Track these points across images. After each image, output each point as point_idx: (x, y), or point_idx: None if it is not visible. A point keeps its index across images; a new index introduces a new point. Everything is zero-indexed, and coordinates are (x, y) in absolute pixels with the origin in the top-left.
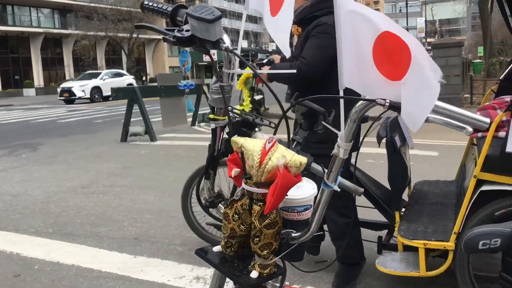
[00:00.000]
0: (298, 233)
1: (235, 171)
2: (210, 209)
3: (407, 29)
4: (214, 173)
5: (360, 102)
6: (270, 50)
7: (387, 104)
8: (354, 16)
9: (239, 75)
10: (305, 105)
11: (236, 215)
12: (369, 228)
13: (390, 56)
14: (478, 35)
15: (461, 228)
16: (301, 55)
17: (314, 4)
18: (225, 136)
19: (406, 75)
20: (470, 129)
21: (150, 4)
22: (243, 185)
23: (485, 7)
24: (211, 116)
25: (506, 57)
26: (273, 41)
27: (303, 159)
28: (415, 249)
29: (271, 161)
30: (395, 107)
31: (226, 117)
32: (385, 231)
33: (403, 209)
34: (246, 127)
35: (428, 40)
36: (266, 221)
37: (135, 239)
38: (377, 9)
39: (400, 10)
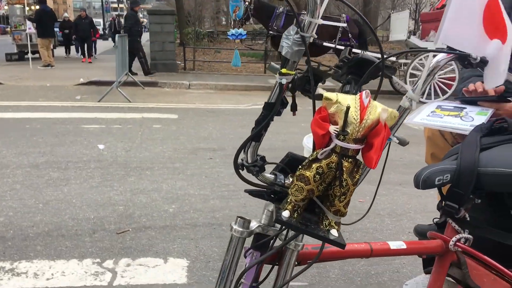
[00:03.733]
0: None
1: (334, 127)
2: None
3: None
4: (264, 134)
5: (443, 55)
6: None
7: (478, 59)
8: None
9: None
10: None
11: (317, 175)
12: None
13: (497, 18)
14: (162, 5)
15: None
16: None
17: None
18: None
19: (508, 39)
20: None
21: None
22: (337, 142)
23: None
24: (284, 70)
25: (197, 27)
26: None
27: (396, 112)
28: None
29: (371, 116)
30: (483, 61)
31: (295, 71)
32: None
33: None
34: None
35: (142, 6)
36: (356, 177)
37: None
38: None
39: None
